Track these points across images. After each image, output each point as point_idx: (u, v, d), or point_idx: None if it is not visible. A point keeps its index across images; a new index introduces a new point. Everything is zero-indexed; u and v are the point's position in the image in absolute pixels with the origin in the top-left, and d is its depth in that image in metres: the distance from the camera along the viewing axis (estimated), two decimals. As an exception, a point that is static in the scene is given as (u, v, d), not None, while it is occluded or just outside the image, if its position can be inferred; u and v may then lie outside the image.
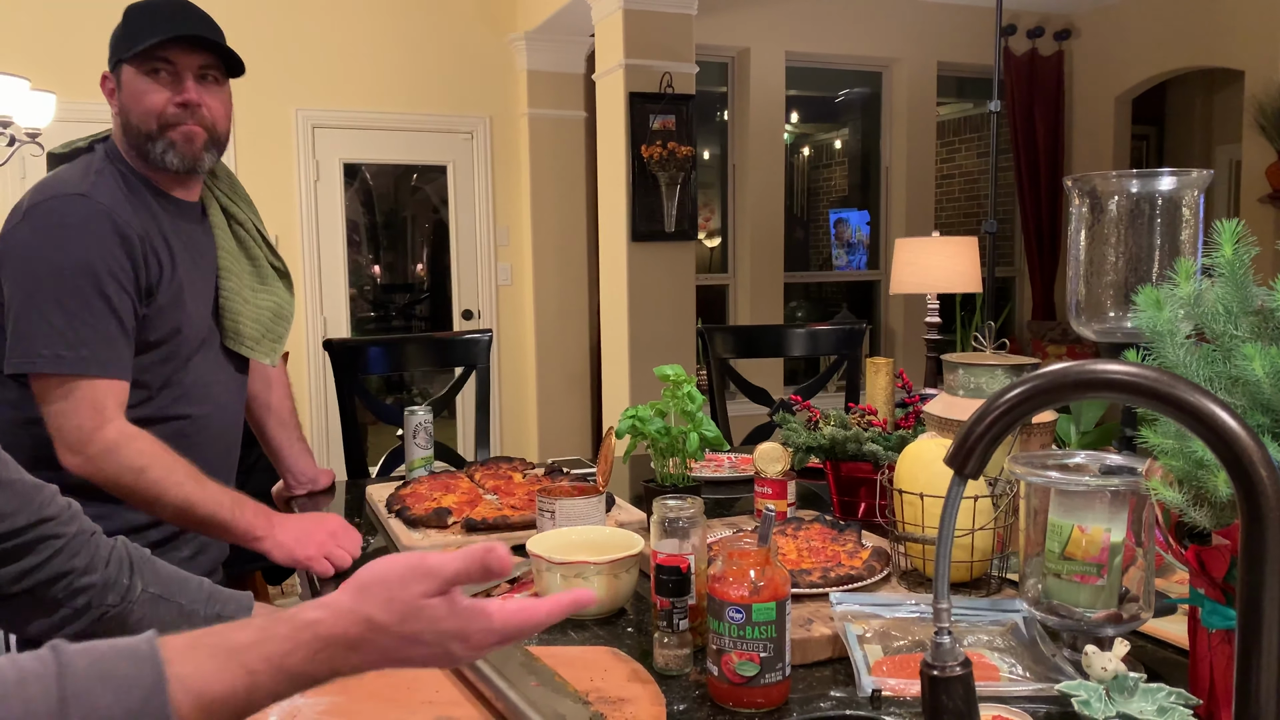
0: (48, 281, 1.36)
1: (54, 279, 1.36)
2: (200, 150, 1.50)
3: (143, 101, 1.46)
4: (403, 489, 1.75)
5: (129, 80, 1.47)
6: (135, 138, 1.48)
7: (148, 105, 1.46)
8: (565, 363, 5.33)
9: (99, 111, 4.23)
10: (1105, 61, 5.97)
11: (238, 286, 1.61)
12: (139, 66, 1.45)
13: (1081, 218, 1.27)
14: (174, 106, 1.46)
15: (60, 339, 1.36)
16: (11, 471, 0.95)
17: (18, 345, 1.37)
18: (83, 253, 1.38)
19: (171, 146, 1.47)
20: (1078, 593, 1.02)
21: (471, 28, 5.10)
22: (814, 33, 5.55)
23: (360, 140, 4.97)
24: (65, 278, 1.36)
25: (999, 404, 0.64)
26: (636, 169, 4.13)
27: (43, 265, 1.37)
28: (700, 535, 1.11)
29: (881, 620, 1.12)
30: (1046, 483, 1.04)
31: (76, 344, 1.36)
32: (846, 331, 2.61)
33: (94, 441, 1.36)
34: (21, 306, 1.37)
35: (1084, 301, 1.28)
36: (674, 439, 1.50)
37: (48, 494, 1.00)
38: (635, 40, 4.03)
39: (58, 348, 1.35)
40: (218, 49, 1.49)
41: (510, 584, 1.32)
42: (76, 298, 1.37)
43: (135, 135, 1.48)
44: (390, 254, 5.53)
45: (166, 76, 1.46)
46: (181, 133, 1.47)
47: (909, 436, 1.56)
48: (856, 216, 6.33)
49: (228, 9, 1.55)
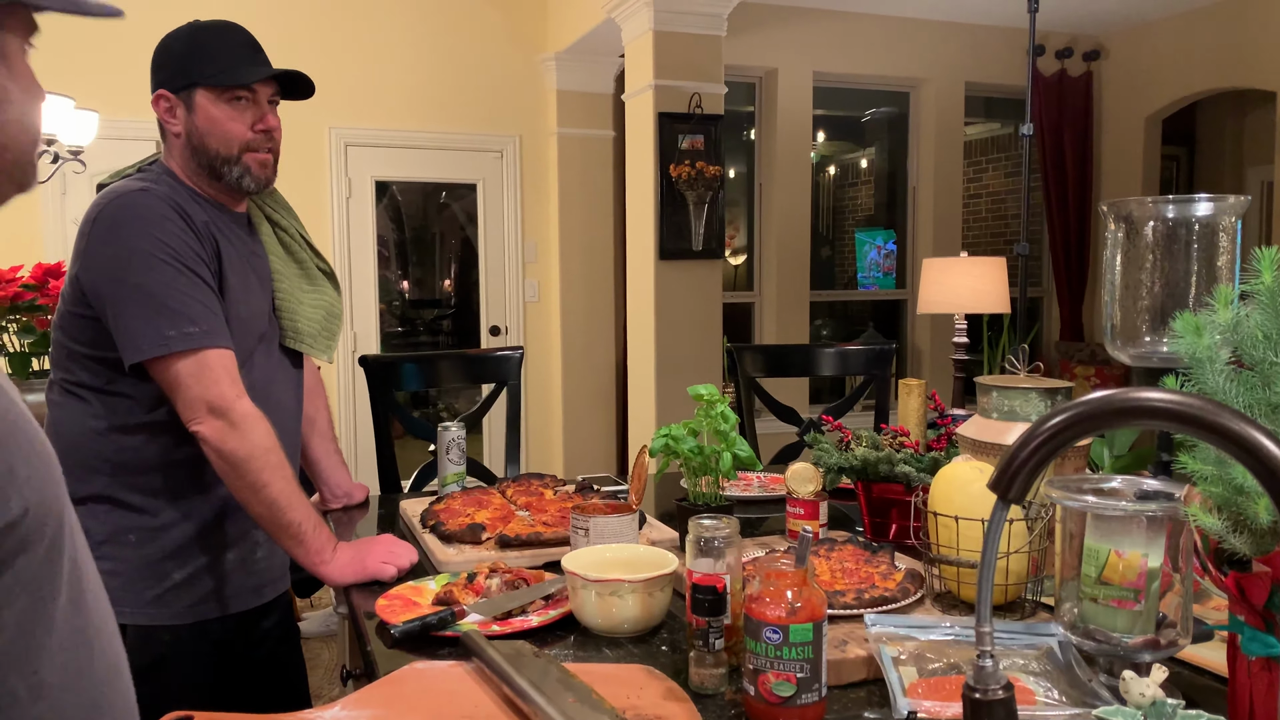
0: (141, 271, 1.40)
1: (146, 267, 1.41)
2: (272, 174, 1.58)
3: (225, 127, 1.51)
4: (437, 504, 1.77)
5: (206, 105, 1.51)
6: (209, 159, 1.53)
7: (230, 131, 1.51)
8: (591, 379, 5.36)
9: (139, 129, 4.33)
10: (1135, 82, 5.95)
11: (290, 288, 1.65)
12: (220, 94, 1.51)
13: (1117, 242, 1.27)
14: (255, 133, 1.53)
15: (180, 317, 1.40)
16: None
17: (137, 336, 1.40)
18: (163, 236, 1.42)
19: (248, 170, 1.54)
20: (1115, 617, 1.02)
21: (503, 49, 5.17)
22: (841, 53, 5.58)
23: (392, 158, 5.04)
24: (157, 262, 1.41)
25: (1043, 430, 0.65)
26: (665, 188, 4.16)
27: (132, 258, 1.41)
28: (735, 555, 1.12)
29: (916, 642, 1.13)
30: (1083, 507, 1.04)
31: (195, 319, 1.41)
32: (876, 352, 2.61)
33: (236, 409, 1.41)
34: (125, 301, 1.41)
35: (1119, 326, 1.28)
36: (707, 458, 1.51)
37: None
38: (665, 61, 4.07)
39: (182, 326, 1.40)
40: (288, 78, 1.56)
41: (545, 600, 1.33)
42: (176, 278, 1.42)
43: (210, 157, 1.53)
44: (418, 270, 5.59)
45: (246, 103, 1.53)
46: (258, 159, 1.54)
47: (941, 458, 1.56)
48: (882, 236, 6.32)
49: (264, 30, 1.59)
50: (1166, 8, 5.53)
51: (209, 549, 1.52)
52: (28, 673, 0.76)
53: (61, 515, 0.79)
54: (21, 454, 0.74)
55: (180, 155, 1.55)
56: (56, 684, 0.78)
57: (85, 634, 0.83)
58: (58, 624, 0.78)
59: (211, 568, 1.52)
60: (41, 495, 0.75)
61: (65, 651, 0.79)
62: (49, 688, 0.78)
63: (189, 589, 1.50)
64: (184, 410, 1.41)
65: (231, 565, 1.55)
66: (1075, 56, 6.03)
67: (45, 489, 0.76)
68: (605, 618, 1.22)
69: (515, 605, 1.29)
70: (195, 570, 1.51)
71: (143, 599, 1.46)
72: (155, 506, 1.48)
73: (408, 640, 1.21)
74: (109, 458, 1.47)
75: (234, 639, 1.57)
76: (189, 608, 1.50)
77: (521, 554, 1.52)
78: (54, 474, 0.79)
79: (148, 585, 1.47)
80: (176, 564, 1.49)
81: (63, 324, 1.49)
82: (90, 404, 1.47)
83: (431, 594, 1.36)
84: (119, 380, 1.46)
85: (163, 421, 1.47)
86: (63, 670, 0.79)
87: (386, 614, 1.28)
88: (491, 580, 1.35)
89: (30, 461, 0.75)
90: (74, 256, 1.47)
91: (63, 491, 0.81)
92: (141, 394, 1.46)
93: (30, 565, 0.73)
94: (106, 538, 1.46)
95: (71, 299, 1.47)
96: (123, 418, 1.47)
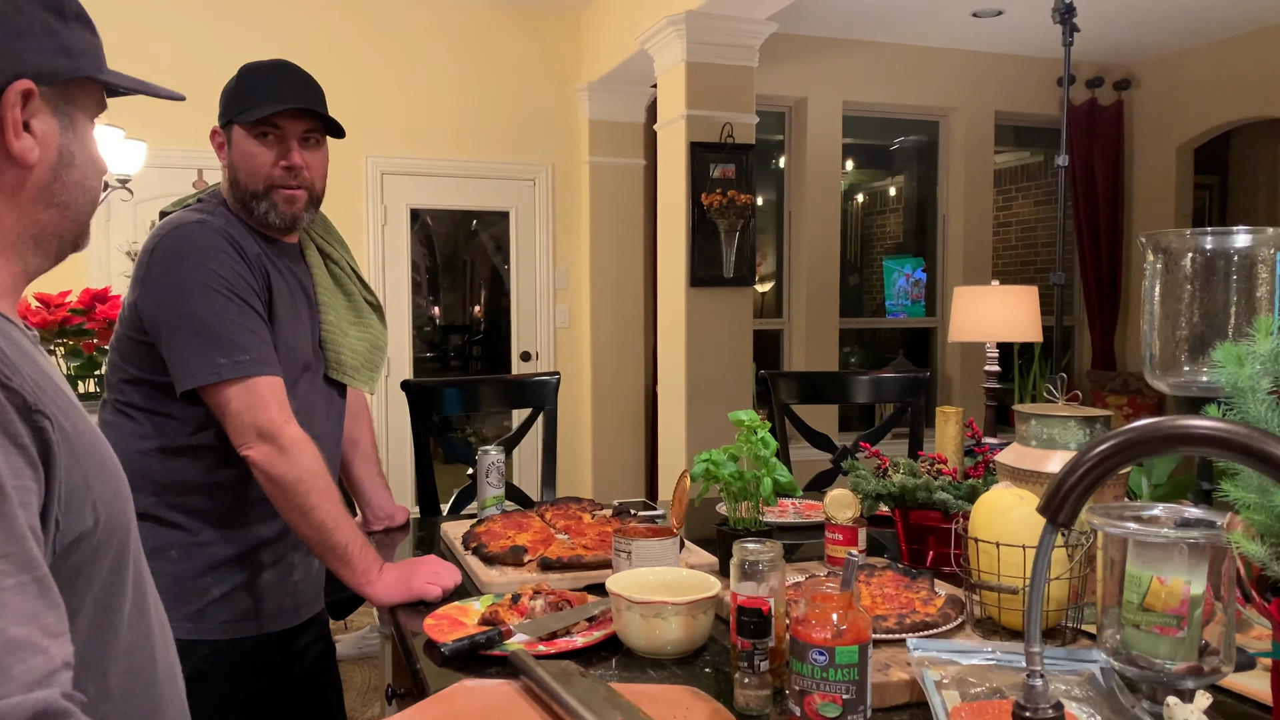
0: (196, 300, 1.46)
1: (200, 296, 1.46)
2: (300, 210, 1.60)
3: (250, 162, 1.56)
4: (477, 527, 1.80)
5: (238, 140, 1.57)
6: (241, 193, 1.58)
7: (255, 166, 1.56)
8: (620, 404, 5.39)
9: (184, 158, 4.43)
10: (1166, 111, 5.95)
11: (336, 320, 1.70)
12: (249, 129, 1.56)
13: (1155, 273, 1.29)
14: (279, 169, 1.56)
15: (233, 346, 1.45)
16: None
17: (189, 363, 1.45)
18: (217, 267, 1.48)
19: (274, 207, 1.57)
20: (1157, 644, 1.03)
21: (536, 79, 5.26)
22: (871, 83, 5.62)
23: (427, 186, 5.13)
24: (210, 292, 1.46)
25: (1090, 456, 0.68)
26: (696, 216, 4.20)
27: (187, 287, 1.46)
28: (779, 578, 1.14)
29: (958, 667, 1.14)
30: (1125, 534, 1.05)
31: (246, 347, 1.46)
32: (910, 379, 2.62)
33: (284, 434, 1.45)
34: (179, 329, 1.46)
35: (1158, 355, 1.30)
36: (747, 483, 1.53)
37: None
38: (697, 92, 4.12)
39: (233, 354, 1.45)
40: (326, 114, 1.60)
41: (589, 622, 1.35)
42: (229, 308, 1.47)
43: (242, 191, 1.58)
44: (449, 295, 5.67)
45: (273, 139, 1.56)
46: (284, 195, 1.57)
47: (979, 485, 1.58)
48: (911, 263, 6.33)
49: (303, 62, 1.64)
50: (1198, 37, 5.54)
51: (246, 568, 1.56)
52: (97, 675, 0.79)
53: (128, 527, 0.83)
54: (96, 469, 0.78)
55: (226, 188, 1.61)
56: (122, 686, 0.82)
57: (149, 639, 0.87)
58: (123, 630, 0.81)
59: (249, 586, 1.56)
60: (112, 509, 0.79)
61: (129, 655, 0.82)
62: (115, 689, 0.81)
63: (227, 605, 1.54)
64: (234, 435, 1.45)
65: (269, 585, 1.58)
66: (1106, 85, 6.04)
67: (115, 503, 0.80)
68: (649, 639, 1.24)
69: (560, 626, 1.32)
70: (233, 587, 1.54)
71: (182, 613, 1.50)
72: (196, 525, 1.52)
73: (457, 659, 1.24)
74: (155, 477, 1.51)
75: (271, 657, 1.60)
76: (226, 624, 1.54)
77: (563, 576, 1.54)
78: (123, 490, 0.83)
79: (187, 600, 1.51)
80: (215, 580, 1.53)
81: (119, 347, 1.55)
82: (140, 424, 1.52)
83: (477, 614, 1.39)
84: (169, 403, 1.50)
85: (206, 445, 1.51)
86: (127, 673, 0.83)
87: (434, 633, 1.31)
88: (535, 601, 1.37)
89: (103, 477, 0.79)
90: (132, 283, 1.52)
91: (130, 506, 0.85)
92: (188, 417, 1.51)
93: (100, 573, 0.77)
94: (149, 553, 1.49)
95: (129, 324, 1.52)
96: (170, 439, 1.51)
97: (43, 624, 0.65)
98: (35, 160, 0.81)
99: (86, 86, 0.85)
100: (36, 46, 0.79)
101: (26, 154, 0.80)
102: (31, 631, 0.64)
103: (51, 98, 0.82)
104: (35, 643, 0.64)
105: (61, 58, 0.81)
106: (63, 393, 0.78)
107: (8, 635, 0.62)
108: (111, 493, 0.80)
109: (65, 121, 0.83)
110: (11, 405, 0.69)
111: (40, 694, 0.62)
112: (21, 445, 0.69)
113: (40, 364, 0.79)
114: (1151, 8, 5.03)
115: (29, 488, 0.69)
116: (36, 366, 0.77)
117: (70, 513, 0.73)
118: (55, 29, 0.81)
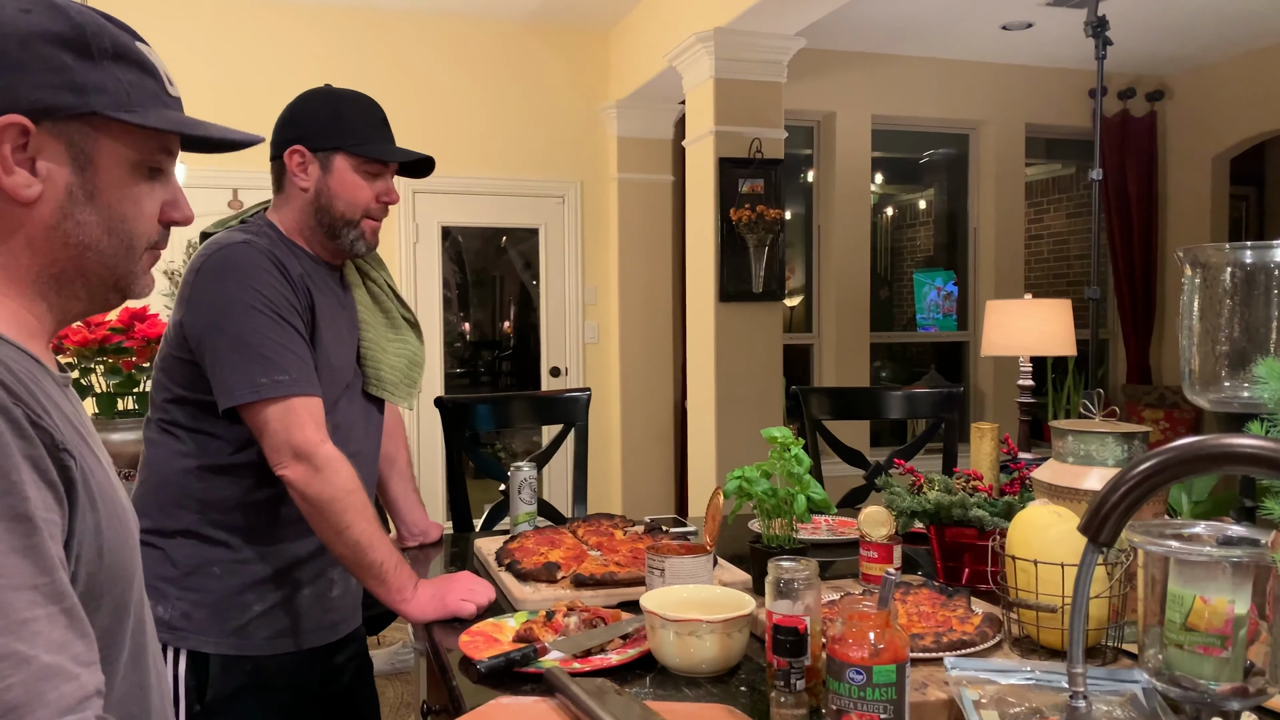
0: (239, 319, 1.48)
1: (244, 316, 1.48)
2: (376, 240, 1.68)
3: (355, 193, 1.61)
4: (511, 543, 1.81)
5: (343, 169, 1.61)
6: (330, 219, 1.62)
7: (358, 197, 1.62)
8: (649, 420, 5.39)
9: (220, 178, 4.50)
10: (1201, 122, 5.88)
11: (376, 336, 1.72)
12: (360, 163, 1.61)
13: (1194, 288, 1.28)
14: (378, 204, 1.64)
15: (273, 366, 1.47)
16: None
17: (230, 382, 1.47)
18: (260, 287, 1.50)
19: (362, 235, 1.64)
20: (1201, 664, 1.01)
21: (565, 98, 5.30)
22: (900, 96, 5.61)
23: (458, 204, 5.17)
24: (253, 312, 1.49)
25: (1133, 475, 0.67)
26: (725, 231, 4.20)
27: (231, 307, 1.49)
28: (815, 596, 1.13)
29: (997, 686, 1.13)
30: (1166, 552, 1.04)
31: (286, 368, 1.48)
32: (944, 395, 2.61)
33: (320, 453, 1.47)
34: (222, 348, 1.48)
35: (1197, 371, 1.28)
36: (780, 500, 1.53)
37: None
38: (725, 108, 4.13)
39: (273, 374, 1.47)
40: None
41: (624, 639, 1.36)
42: (270, 328, 1.49)
43: (333, 217, 1.62)
44: (479, 312, 5.70)
45: (377, 176, 1.64)
46: (372, 227, 1.65)
47: (1015, 502, 1.56)
48: (941, 277, 6.29)
49: (338, 84, 1.68)
50: (1233, 46, 5.48)
51: (285, 585, 1.57)
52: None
53: (131, 577, 0.83)
54: (108, 516, 0.79)
55: (298, 209, 1.63)
56: None
57: (144, 690, 0.87)
58: (117, 680, 0.82)
59: (288, 603, 1.58)
60: (117, 557, 0.80)
61: (122, 705, 0.83)
62: None
63: (268, 622, 1.55)
64: (271, 454, 1.47)
65: (307, 601, 1.60)
66: (1139, 97, 5.99)
67: (121, 552, 0.81)
68: (684, 657, 1.24)
69: (594, 643, 1.32)
70: (273, 604, 1.56)
71: (226, 629, 1.52)
72: (237, 543, 1.54)
73: (492, 675, 1.24)
74: (197, 495, 1.53)
75: (310, 673, 1.62)
76: (268, 640, 1.55)
77: (596, 593, 1.55)
78: (130, 539, 0.84)
79: (230, 616, 1.52)
80: (256, 596, 1.54)
81: (164, 366, 1.57)
82: (184, 443, 1.54)
83: (512, 631, 1.39)
84: (212, 422, 1.52)
85: (246, 464, 1.53)
86: (123, 718, 0.83)
87: (470, 650, 1.31)
88: (570, 618, 1.37)
89: (113, 525, 0.80)
90: (178, 302, 1.55)
91: (136, 556, 0.85)
92: (230, 436, 1.53)
93: (99, 620, 0.77)
94: (193, 569, 1.52)
95: (174, 342, 1.54)
96: (212, 458, 1.53)
97: (73, 653, 0.66)
98: (32, 197, 0.78)
99: (123, 128, 0.82)
100: (39, 82, 0.77)
101: (18, 190, 0.77)
102: (63, 659, 0.65)
103: (61, 135, 0.79)
104: (67, 670, 0.65)
105: (66, 94, 0.78)
106: (83, 439, 0.79)
107: (42, 662, 0.64)
108: (119, 541, 0.80)
109: (82, 161, 0.80)
110: (41, 442, 0.70)
111: (75, 718, 0.64)
112: (51, 481, 0.70)
113: (64, 408, 0.79)
114: (1185, 19, 4.99)
115: (56, 522, 0.70)
116: (59, 410, 0.77)
117: (81, 554, 0.74)
118: (66, 65, 0.78)
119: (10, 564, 0.65)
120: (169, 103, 0.86)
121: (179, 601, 1.49)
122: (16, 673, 0.62)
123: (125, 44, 0.83)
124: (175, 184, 0.90)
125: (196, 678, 1.49)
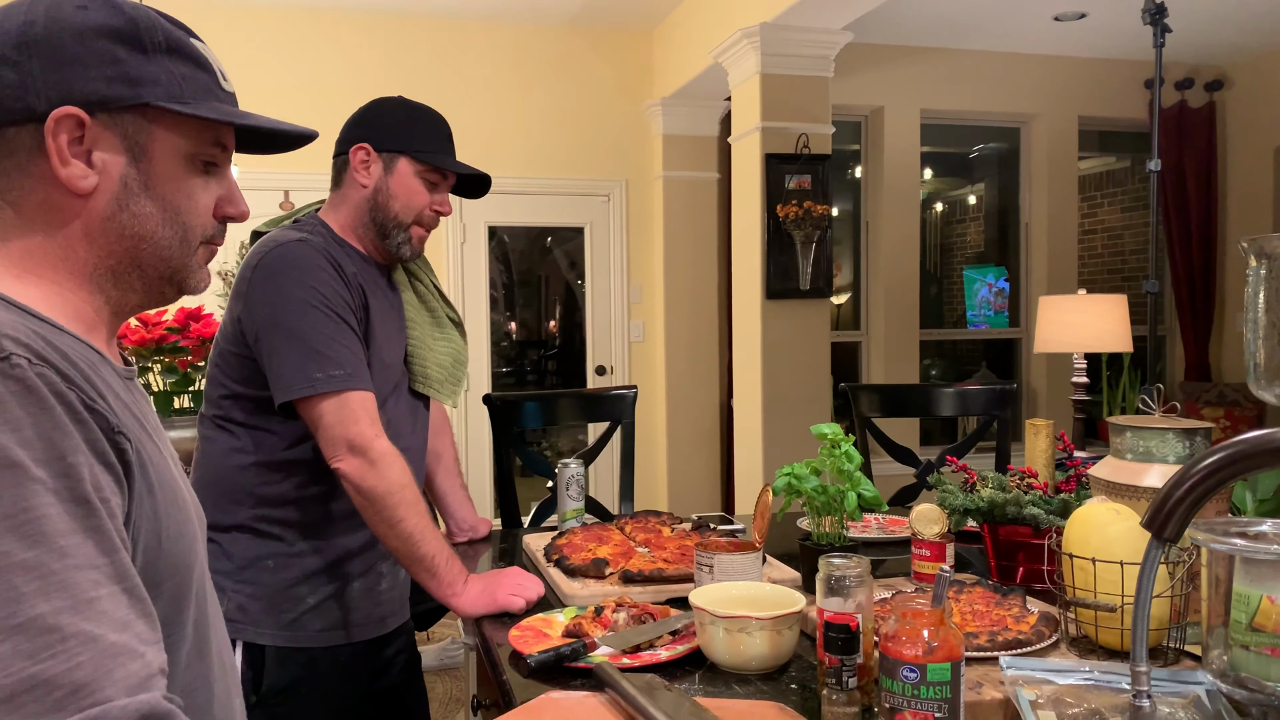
0: (296, 316, 1.51)
1: (300, 313, 1.51)
2: (422, 248, 1.72)
3: (413, 198, 1.65)
4: (559, 539, 1.81)
5: (406, 173, 1.65)
6: (383, 219, 1.65)
7: (415, 202, 1.66)
8: (695, 418, 5.38)
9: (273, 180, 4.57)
10: (1261, 112, 5.72)
11: (422, 335, 1.75)
12: (423, 169, 1.65)
13: (1259, 279, 1.24)
14: (430, 212, 1.68)
15: (328, 361, 1.50)
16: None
17: (286, 376, 1.50)
18: (317, 285, 1.53)
19: (409, 240, 1.67)
20: (1268, 666, 0.99)
21: (610, 97, 5.31)
22: (949, 90, 5.53)
23: (504, 204, 5.21)
24: (310, 309, 1.51)
25: (1199, 469, 0.65)
26: (772, 228, 4.18)
27: (290, 303, 1.52)
28: (866, 594, 1.12)
29: (1054, 686, 1.10)
30: (1231, 550, 1.01)
31: (341, 363, 1.51)
32: (997, 392, 2.56)
33: (374, 447, 1.49)
34: (279, 344, 1.51)
35: (1263, 365, 1.24)
36: (830, 498, 1.52)
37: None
38: (772, 104, 4.11)
39: (328, 369, 1.50)
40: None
41: (672, 635, 1.35)
42: (326, 324, 1.52)
43: (387, 217, 1.65)
44: (524, 311, 5.74)
45: (436, 185, 1.68)
46: (420, 233, 1.69)
47: (1071, 500, 1.53)
48: (993, 273, 6.20)
49: (384, 88, 1.71)
50: (1295, 34, 5.32)
51: (336, 578, 1.60)
52: None
53: (191, 568, 0.84)
54: (167, 504, 0.80)
55: (353, 206, 1.66)
56: None
57: (207, 682, 0.88)
58: (179, 671, 0.83)
59: (339, 596, 1.60)
60: (176, 546, 0.80)
61: (187, 695, 0.84)
62: None
63: (320, 614, 1.58)
64: (326, 448, 1.49)
65: (358, 595, 1.62)
66: (1196, 87, 5.84)
67: (180, 541, 0.82)
68: (733, 654, 1.24)
69: (643, 639, 1.32)
70: (325, 597, 1.58)
71: (281, 621, 1.54)
72: (291, 536, 1.57)
73: (542, 670, 1.25)
74: (252, 490, 1.56)
75: (361, 666, 1.64)
76: (320, 632, 1.58)
77: (644, 589, 1.55)
78: (189, 529, 0.84)
79: (285, 609, 1.55)
80: (310, 589, 1.57)
81: (220, 362, 1.60)
82: (239, 439, 1.57)
83: (561, 626, 1.40)
84: (268, 418, 1.55)
85: (301, 459, 1.56)
86: (186, 710, 0.84)
87: (520, 644, 1.32)
88: (619, 614, 1.37)
89: (173, 514, 0.81)
90: (234, 298, 1.57)
91: (197, 547, 0.86)
92: (285, 431, 1.55)
93: (157, 609, 0.78)
94: (248, 563, 1.55)
95: (231, 338, 1.57)
96: (267, 453, 1.56)
97: (137, 631, 0.67)
98: (89, 189, 0.79)
99: (176, 120, 0.83)
100: (94, 75, 0.78)
101: (75, 181, 0.78)
102: (129, 638, 0.66)
103: (115, 126, 0.80)
104: (134, 648, 0.66)
105: (120, 85, 0.79)
106: (143, 427, 0.79)
107: (108, 641, 0.64)
108: (178, 530, 0.81)
109: (136, 152, 0.81)
110: (97, 425, 0.71)
111: (144, 697, 0.64)
112: (109, 463, 0.71)
113: (123, 398, 0.79)
114: (1244, 7, 4.85)
115: (116, 503, 0.71)
116: (118, 399, 0.77)
117: (139, 538, 0.75)
118: (120, 58, 0.79)
119: (73, 544, 0.66)
120: (222, 97, 0.87)
121: (235, 594, 1.52)
122: (85, 651, 0.63)
123: (179, 39, 0.84)
124: (230, 179, 0.91)
125: (253, 669, 1.52)
